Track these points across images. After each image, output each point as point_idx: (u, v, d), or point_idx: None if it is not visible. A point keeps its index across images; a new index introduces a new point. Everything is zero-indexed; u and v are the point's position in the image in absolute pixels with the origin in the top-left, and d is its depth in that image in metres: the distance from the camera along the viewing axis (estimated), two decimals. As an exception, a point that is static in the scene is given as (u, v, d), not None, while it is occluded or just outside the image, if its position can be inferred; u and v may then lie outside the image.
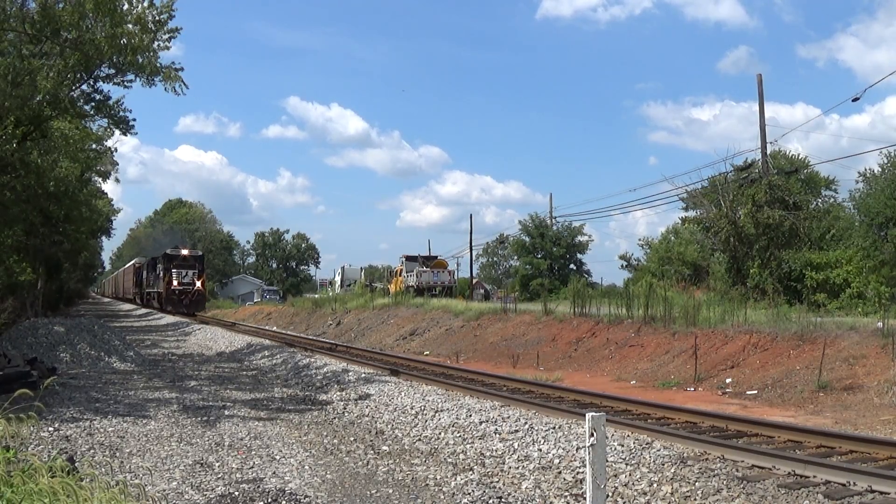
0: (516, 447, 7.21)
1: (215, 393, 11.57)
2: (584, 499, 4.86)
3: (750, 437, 8.09)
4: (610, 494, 5.70)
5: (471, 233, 47.06)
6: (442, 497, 6.02)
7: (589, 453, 4.33)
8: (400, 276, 43.09)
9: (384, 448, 7.80)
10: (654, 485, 5.95)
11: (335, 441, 8.11)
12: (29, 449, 6.23)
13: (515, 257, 52.80)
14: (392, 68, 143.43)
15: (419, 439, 8.11)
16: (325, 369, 13.56)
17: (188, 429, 8.56)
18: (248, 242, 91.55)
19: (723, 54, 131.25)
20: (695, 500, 5.65)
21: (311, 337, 26.69)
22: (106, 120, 16.85)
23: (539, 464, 6.67)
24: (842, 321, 14.55)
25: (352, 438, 8.27)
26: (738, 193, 25.54)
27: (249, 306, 56.25)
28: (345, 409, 10.09)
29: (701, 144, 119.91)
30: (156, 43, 14.18)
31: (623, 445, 6.87)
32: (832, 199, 31.42)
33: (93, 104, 15.64)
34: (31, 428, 6.83)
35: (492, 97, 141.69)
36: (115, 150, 25.59)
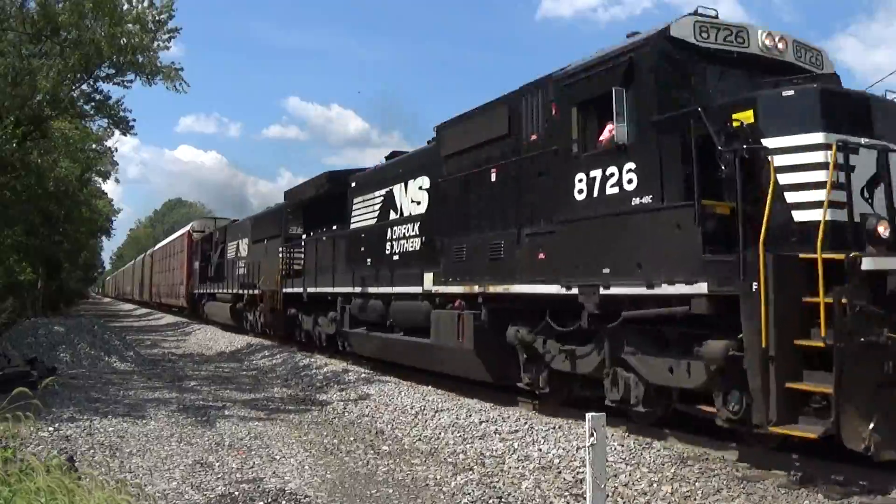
0: (516, 447, 7.20)
1: (215, 393, 11.56)
2: (584, 499, 4.85)
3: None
4: (610, 494, 5.69)
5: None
6: (442, 497, 6.01)
7: (589, 453, 4.32)
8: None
9: (384, 448, 7.79)
10: (654, 485, 5.94)
11: (335, 441, 8.10)
12: (28, 448, 6.23)
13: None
14: (392, 68, 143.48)
15: (419, 439, 8.11)
16: (325, 369, 13.55)
17: (188, 428, 8.55)
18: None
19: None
20: (695, 499, 5.64)
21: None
22: (106, 120, 16.88)
23: (539, 463, 6.66)
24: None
25: (352, 438, 8.26)
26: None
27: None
28: (345, 408, 10.08)
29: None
30: (156, 43, 14.23)
31: (623, 445, 6.86)
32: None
33: (93, 104, 15.67)
34: (31, 428, 6.82)
35: (491, 97, 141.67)
36: (115, 150, 25.67)
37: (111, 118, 16.17)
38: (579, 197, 7.58)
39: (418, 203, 11.24)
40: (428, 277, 10.42)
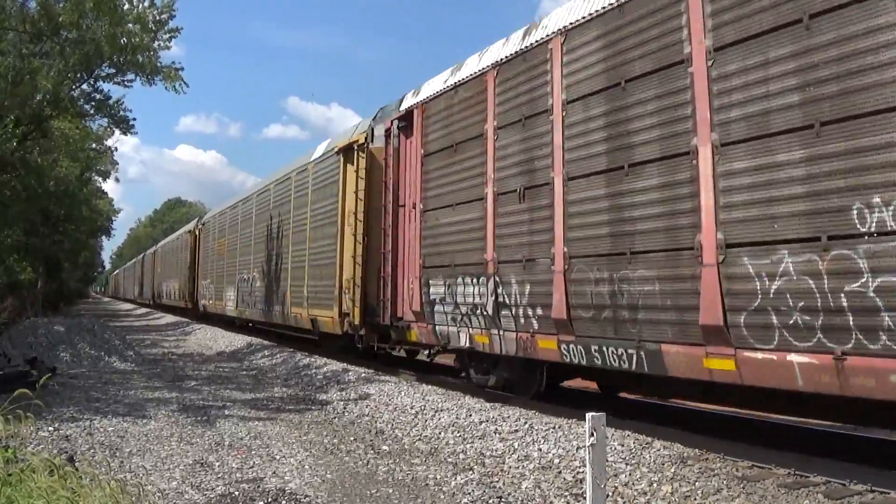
0: (516, 447, 7.20)
1: (215, 392, 11.57)
2: (584, 498, 4.85)
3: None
4: (610, 494, 5.70)
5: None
6: (442, 497, 6.01)
7: (589, 453, 4.33)
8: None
9: (384, 448, 7.80)
10: (654, 484, 5.94)
11: (335, 441, 8.11)
12: (29, 448, 6.24)
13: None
14: (392, 68, 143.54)
15: (419, 439, 8.11)
16: (324, 369, 13.56)
17: (188, 428, 8.56)
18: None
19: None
20: (695, 499, 5.64)
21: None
22: (106, 119, 16.92)
23: (539, 463, 6.67)
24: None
25: (352, 438, 8.26)
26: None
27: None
28: (345, 408, 10.09)
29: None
30: (156, 42, 14.26)
31: (623, 445, 6.86)
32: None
33: (93, 104, 15.70)
34: (31, 427, 6.83)
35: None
36: (115, 149, 25.76)
37: (111, 118, 16.21)
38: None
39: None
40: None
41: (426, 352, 11.95)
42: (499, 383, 9.85)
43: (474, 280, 9.57)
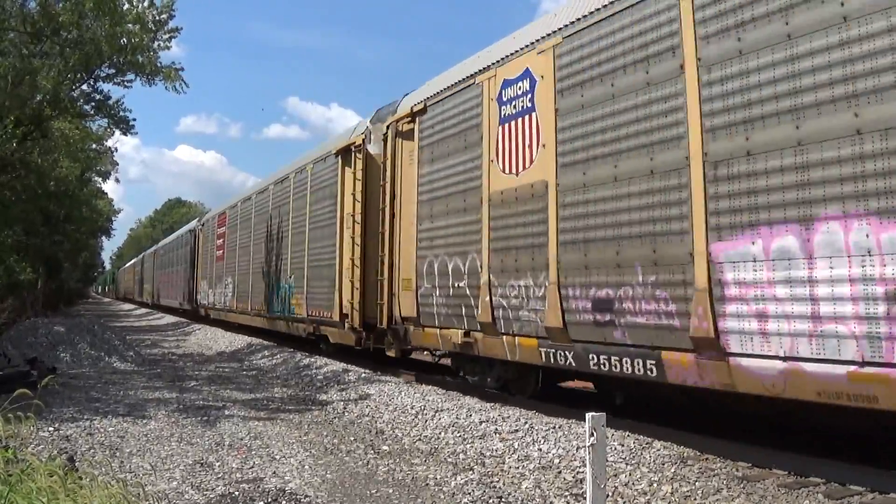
0: (516, 447, 7.20)
1: (215, 393, 11.57)
2: (584, 498, 4.86)
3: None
4: (610, 494, 5.70)
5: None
6: (442, 497, 6.01)
7: (589, 453, 4.33)
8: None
9: (384, 448, 7.80)
10: (654, 484, 5.94)
11: (335, 441, 8.11)
12: (29, 448, 6.24)
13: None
14: (392, 68, 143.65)
15: (419, 439, 8.11)
16: (325, 369, 13.56)
17: (188, 428, 8.56)
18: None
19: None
20: (695, 499, 5.64)
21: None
22: (106, 120, 16.91)
23: (539, 463, 6.67)
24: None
25: (352, 438, 8.26)
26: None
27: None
28: (345, 408, 10.09)
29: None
30: (156, 43, 14.26)
31: (623, 445, 6.86)
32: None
33: (93, 104, 15.69)
34: (31, 428, 6.83)
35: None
36: (115, 150, 25.75)
37: (111, 118, 16.21)
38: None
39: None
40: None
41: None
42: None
43: None
